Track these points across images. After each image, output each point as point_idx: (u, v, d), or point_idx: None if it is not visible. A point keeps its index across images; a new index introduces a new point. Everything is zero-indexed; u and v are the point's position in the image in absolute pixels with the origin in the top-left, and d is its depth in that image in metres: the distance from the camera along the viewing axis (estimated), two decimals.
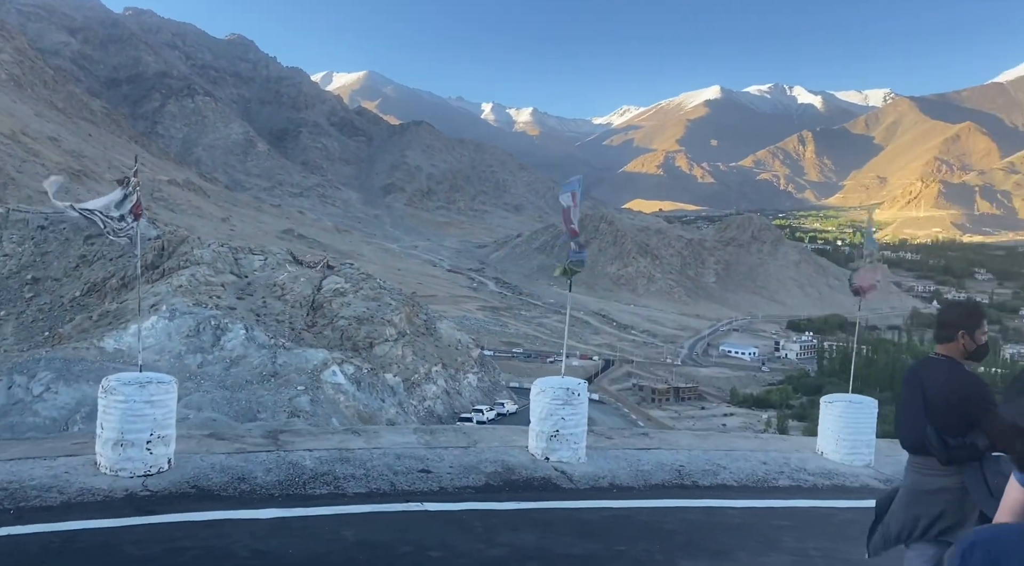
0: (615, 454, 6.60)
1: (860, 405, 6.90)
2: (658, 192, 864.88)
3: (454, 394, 78.29)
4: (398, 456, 6.19)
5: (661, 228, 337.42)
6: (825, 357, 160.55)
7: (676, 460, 6.55)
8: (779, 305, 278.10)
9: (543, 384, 6.46)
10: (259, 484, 5.48)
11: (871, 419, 6.97)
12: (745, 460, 6.73)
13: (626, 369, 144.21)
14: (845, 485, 6.37)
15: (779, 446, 7.40)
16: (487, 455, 6.35)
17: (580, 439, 6.37)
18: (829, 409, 7.04)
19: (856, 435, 6.88)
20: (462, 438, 6.79)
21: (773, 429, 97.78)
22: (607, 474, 6.12)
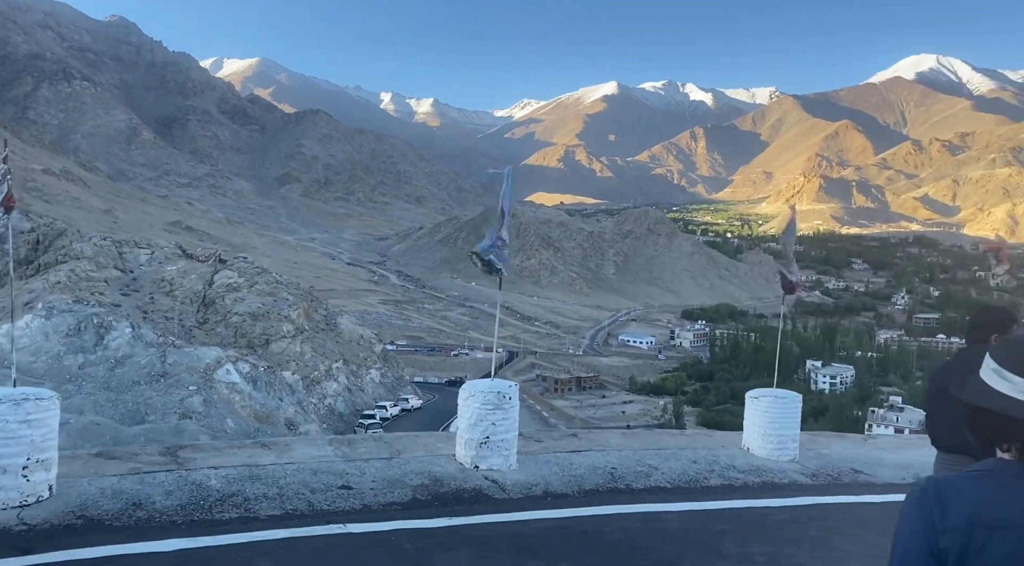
0: (546, 459, 6.32)
1: (785, 400, 6.90)
2: (559, 185, 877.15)
3: (356, 391, 76.68)
4: (314, 471, 5.68)
5: (563, 221, 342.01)
6: (717, 345, 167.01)
7: (608, 462, 6.34)
8: (674, 295, 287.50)
9: (472, 388, 6.10)
10: (158, 510, 4.87)
11: (796, 413, 6.98)
12: (675, 459, 6.60)
13: (530, 360, 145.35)
14: (775, 482, 6.34)
15: (706, 443, 7.34)
16: (412, 466, 5.92)
17: (511, 445, 6.06)
18: (755, 405, 7.01)
19: (782, 430, 6.87)
20: (383, 448, 6.32)
21: (669, 415, 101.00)
22: (540, 481, 5.83)
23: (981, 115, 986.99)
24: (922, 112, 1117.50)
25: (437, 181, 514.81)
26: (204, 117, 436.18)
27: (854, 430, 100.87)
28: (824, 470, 6.81)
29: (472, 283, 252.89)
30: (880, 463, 7.29)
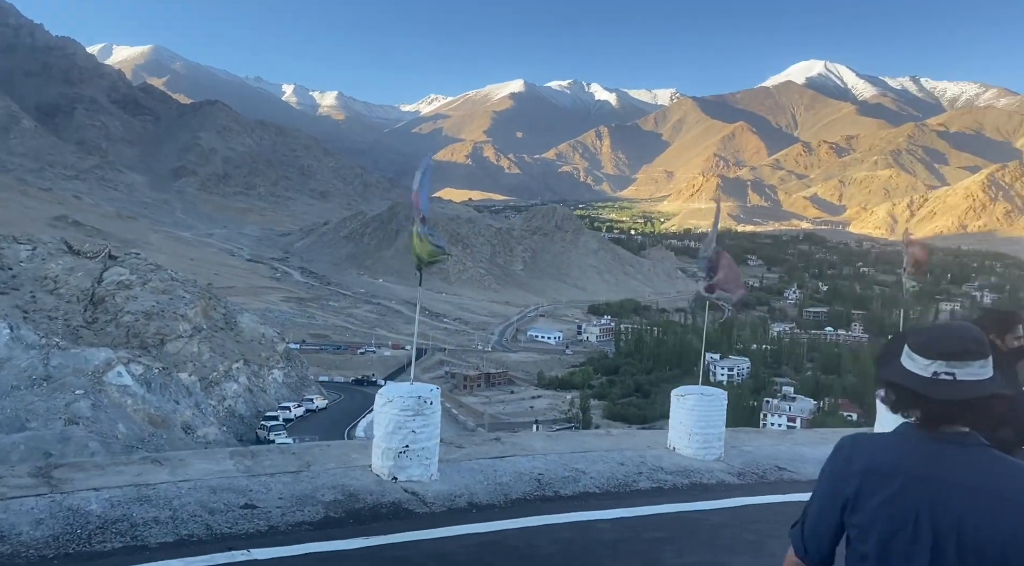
0: (469, 466, 5.93)
1: (712, 398, 6.77)
2: (468, 182, 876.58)
3: (258, 392, 74.03)
4: (213, 489, 5.08)
5: (472, 217, 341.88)
6: (622, 339, 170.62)
7: (534, 467, 6.02)
8: (581, 291, 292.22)
9: (390, 393, 5.63)
10: (25, 543, 4.18)
11: (721, 411, 6.86)
12: (602, 462, 6.35)
13: (438, 357, 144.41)
14: (703, 483, 6.18)
15: (632, 443, 7.13)
16: (324, 479, 5.40)
17: (432, 454, 5.63)
18: (681, 403, 6.85)
19: (708, 428, 6.74)
20: (291, 460, 5.76)
21: (577, 409, 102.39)
22: (464, 491, 5.43)
23: (864, 119, 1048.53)
24: (811, 115, 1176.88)
25: (342, 176, 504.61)
26: (92, 106, 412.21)
27: (750, 420, 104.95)
28: (750, 468, 6.72)
29: (379, 280, 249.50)
30: (802, 459, 7.28)
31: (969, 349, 1.74)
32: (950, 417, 1.73)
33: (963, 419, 1.72)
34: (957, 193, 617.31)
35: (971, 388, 1.70)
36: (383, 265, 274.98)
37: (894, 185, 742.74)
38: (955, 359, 1.73)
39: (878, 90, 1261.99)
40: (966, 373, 1.72)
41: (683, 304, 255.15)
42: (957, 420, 1.72)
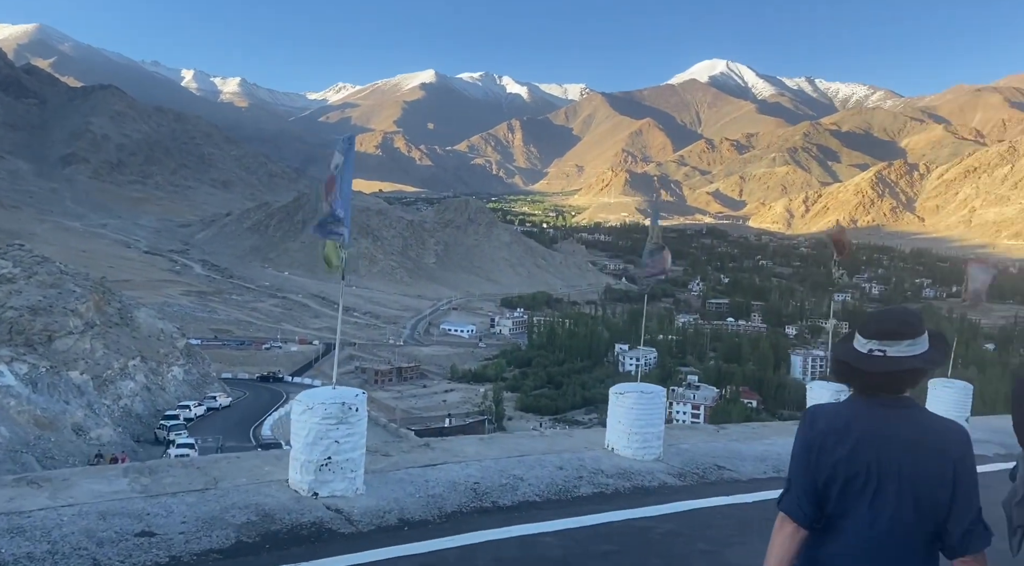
0: (398, 477, 5.39)
1: (651, 396, 6.47)
2: (378, 173, 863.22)
3: (156, 390, 70.66)
4: (103, 515, 4.37)
5: (382, 209, 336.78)
6: (534, 331, 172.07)
7: (468, 475, 5.55)
8: (494, 284, 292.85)
9: (310, 399, 5.03)
10: None
11: (661, 409, 6.59)
12: (540, 466, 5.95)
13: (348, 352, 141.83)
14: (645, 486, 5.88)
15: (568, 444, 6.76)
16: (234, 499, 4.75)
17: (358, 465, 5.06)
18: (620, 401, 6.52)
19: (648, 428, 6.44)
20: (196, 477, 5.07)
21: (490, 402, 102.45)
22: (393, 506, 4.90)
23: (764, 118, 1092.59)
24: (714, 113, 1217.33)
25: (246, 165, 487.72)
26: None
27: None
28: (689, 468, 6.48)
29: (285, 273, 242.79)
30: (739, 456, 7.10)
31: (899, 330, 2.16)
32: (880, 386, 2.16)
33: (890, 388, 2.16)
34: (848, 190, 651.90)
35: (898, 362, 2.12)
36: (289, 258, 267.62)
37: (791, 181, 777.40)
38: (887, 338, 2.15)
39: (776, 90, 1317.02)
40: (896, 350, 2.14)
41: (594, 296, 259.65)
42: (885, 389, 2.16)
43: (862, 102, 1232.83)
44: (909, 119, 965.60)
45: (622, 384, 6.77)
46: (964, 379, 38.60)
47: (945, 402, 9.53)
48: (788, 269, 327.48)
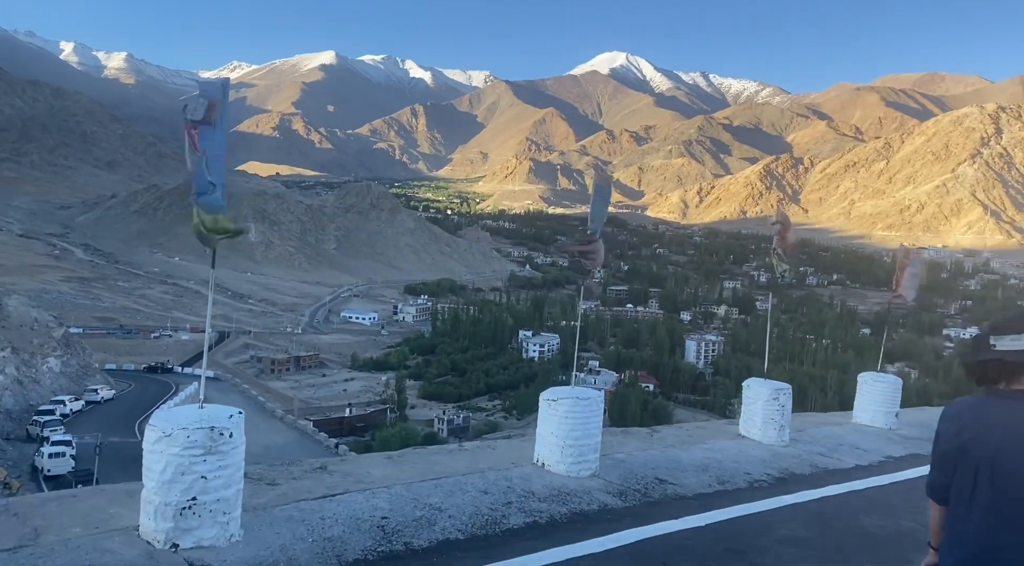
0: (286, 514, 4.29)
1: (588, 402, 5.61)
2: (275, 155, 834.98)
3: (30, 383, 65.59)
4: None
5: (279, 193, 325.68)
6: (438, 319, 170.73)
7: (375, 508, 4.53)
8: (397, 270, 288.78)
9: (168, 423, 3.84)
10: None
11: (598, 417, 5.75)
12: (461, 491, 4.99)
13: (243, 341, 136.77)
14: (583, 510, 5.03)
15: (491, 460, 5.81)
16: (62, 558, 3.49)
17: (232, 505, 3.93)
18: (553, 409, 5.62)
19: (583, 439, 5.59)
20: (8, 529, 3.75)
21: (392, 390, 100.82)
22: (279, 557, 3.79)
23: (661, 110, 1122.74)
24: (615, 104, 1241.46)
25: (132, 145, 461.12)
26: None
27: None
28: (629, 484, 5.68)
29: (175, 258, 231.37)
30: (679, 466, 6.38)
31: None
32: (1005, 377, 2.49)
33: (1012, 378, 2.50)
34: (739, 182, 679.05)
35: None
36: (180, 243, 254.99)
37: (686, 173, 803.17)
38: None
39: (673, 84, 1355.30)
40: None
41: (499, 283, 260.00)
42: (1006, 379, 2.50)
43: (752, 98, 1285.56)
44: (795, 115, 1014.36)
45: (554, 389, 5.89)
46: (841, 363, 39.63)
47: (875, 397, 9.20)
48: (683, 257, 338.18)
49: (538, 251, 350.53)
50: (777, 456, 7.19)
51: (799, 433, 8.14)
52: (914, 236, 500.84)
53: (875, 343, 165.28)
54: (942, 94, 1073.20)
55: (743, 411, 7.93)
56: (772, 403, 7.54)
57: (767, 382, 7.72)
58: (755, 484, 6.25)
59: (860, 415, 9.28)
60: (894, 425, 9.12)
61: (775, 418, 7.56)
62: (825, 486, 6.36)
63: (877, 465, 7.35)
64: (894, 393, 9.11)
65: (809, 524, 5.28)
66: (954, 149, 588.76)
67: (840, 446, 7.96)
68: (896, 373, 58.99)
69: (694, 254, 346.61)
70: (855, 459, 7.49)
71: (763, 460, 6.99)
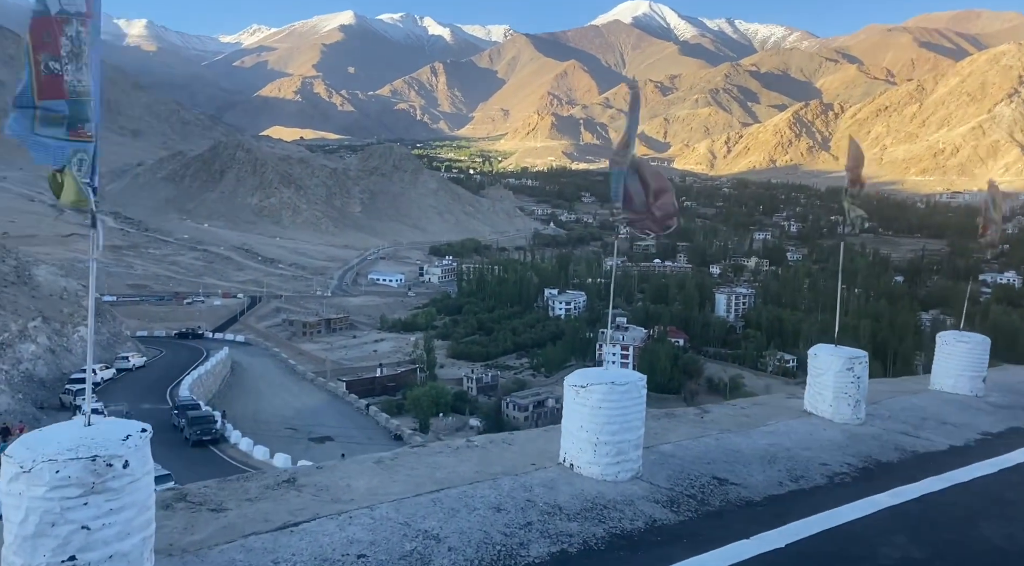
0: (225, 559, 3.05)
1: (626, 389, 4.42)
2: (298, 119, 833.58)
3: (62, 352, 66.14)
4: None
5: (304, 157, 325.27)
6: (464, 279, 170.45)
7: (350, 540, 3.28)
8: (421, 231, 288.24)
9: (27, 452, 2.88)
10: None
11: (640, 406, 4.57)
12: (467, 509, 3.84)
13: (275, 305, 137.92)
14: (626, 529, 3.87)
15: (507, 462, 4.63)
16: None
17: (137, 560, 2.97)
18: (583, 398, 4.41)
19: (622, 434, 4.42)
20: None
21: (421, 350, 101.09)
22: None
23: (686, 59, 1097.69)
24: (638, 54, 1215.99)
25: (156, 113, 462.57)
26: None
27: (587, 351, 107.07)
28: (682, 488, 4.51)
29: (204, 224, 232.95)
30: (740, 458, 5.20)
31: None
32: None
33: None
34: (767, 130, 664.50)
35: None
36: (207, 209, 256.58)
37: (713, 123, 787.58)
38: None
39: (697, 31, 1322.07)
40: None
41: (523, 242, 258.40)
42: None
43: (780, 43, 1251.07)
44: (824, 60, 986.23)
45: (582, 371, 4.69)
46: (874, 312, 37.28)
47: (959, 359, 7.90)
48: (712, 209, 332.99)
49: (562, 208, 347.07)
50: (855, 438, 5.96)
51: (873, 406, 6.89)
52: (949, 180, 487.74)
53: (908, 290, 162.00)
54: (978, 32, 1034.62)
55: (809, 383, 6.70)
56: (846, 374, 6.30)
57: (839, 349, 6.46)
58: (836, 479, 5.04)
59: (941, 381, 7.99)
60: (981, 392, 7.83)
61: (849, 392, 6.33)
62: (921, 479, 5.14)
63: (975, 445, 6.10)
64: (982, 355, 7.81)
65: (919, 538, 4.08)
66: (991, 89, 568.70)
67: (925, 421, 6.70)
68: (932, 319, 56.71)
69: (723, 206, 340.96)
70: (946, 438, 6.24)
71: (839, 445, 5.77)
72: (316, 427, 52.60)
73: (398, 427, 53.52)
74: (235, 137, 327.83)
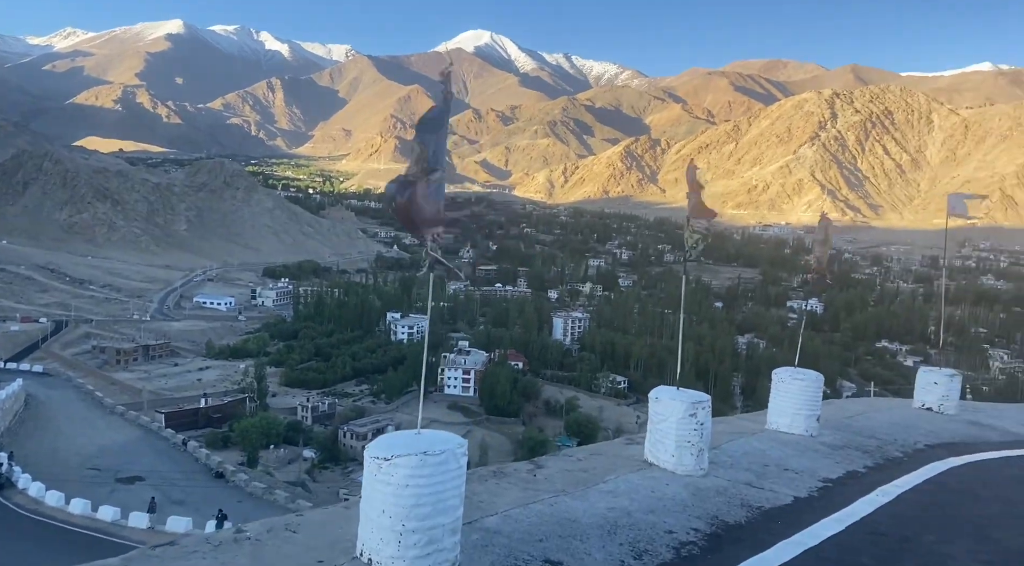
0: None
1: (441, 460, 3.39)
2: (118, 130, 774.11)
3: None
4: None
5: (123, 170, 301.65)
6: (301, 302, 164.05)
7: None
8: (255, 252, 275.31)
9: None
10: None
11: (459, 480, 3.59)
12: None
13: (84, 330, 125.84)
14: None
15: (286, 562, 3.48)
16: None
17: None
18: (385, 474, 3.26)
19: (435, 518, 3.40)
20: None
21: (252, 378, 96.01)
22: None
23: (526, 91, 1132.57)
24: (480, 83, 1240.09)
25: None
26: None
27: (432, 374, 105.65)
28: None
29: (3, 242, 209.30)
30: (577, 532, 4.39)
31: None
32: None
33: None
34: (601, 162, 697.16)
35: None
36: (7, 224, 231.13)
37: (551, 153, 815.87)
38: None
39: (537, 64, 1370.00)
40: None
41: (365, 265, 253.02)
42: None
43: (613, 80, 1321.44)
44: (653, 98, 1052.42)
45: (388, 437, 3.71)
46: (696, 336, 38.87)
47: (794, 397, 7.67)
48: (550, 236, 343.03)
49: (406, 231, 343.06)
50: (700, 495, 5.38)
51: (714, 452, 6.42)
52: (761, 214, 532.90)
53: (726, 316, 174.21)
54: (785, 80, 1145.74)
55: (650, 430, 6.10)
56: (689, 421, 5.76)
57: (682, 393, 5.91)
58: (683, 550, 4.38)
59: (777, 420, 7.74)
60: (815, 431, 7.64)
61: (692, 440, 5.78)
62: (771, 544, 4.60)
63: (818, 496, 5.72)
64: (816, 393, 7.62)
65: None
66: (796, 132, 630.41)
67: (767, 468, 6.30)
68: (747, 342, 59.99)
69: (560, 233, 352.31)
70: (790, 488, 5.83)
71: (684, 504, 5.16)
72: (125, 466, 47.70)
73: (220, 464, 49.58)
74: (43, 146, 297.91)
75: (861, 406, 10.31)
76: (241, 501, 41.47)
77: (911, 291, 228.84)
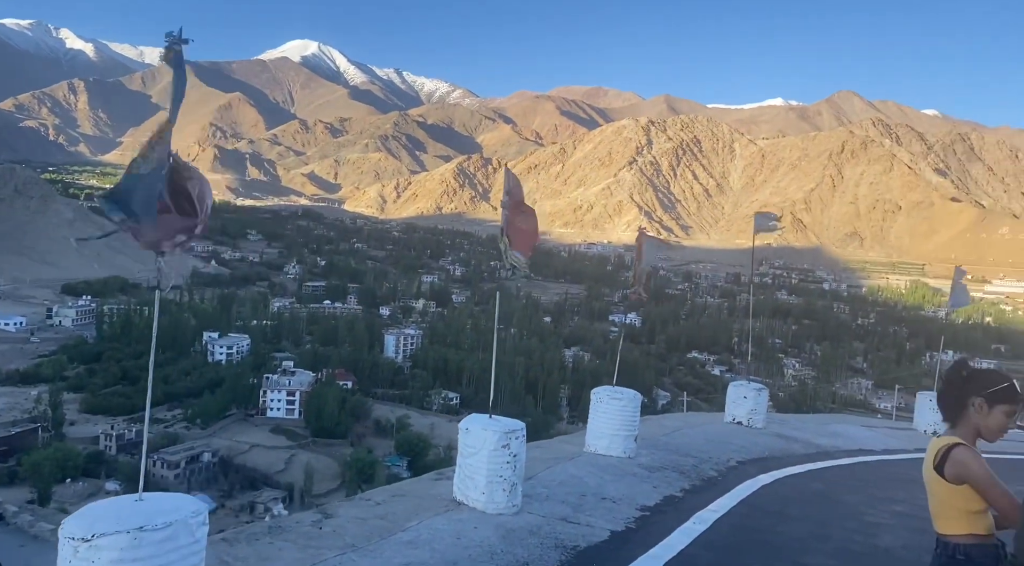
0: None
1: (167, 534, 2.46)
2: None
3: None
4: None
5: None
6: (105, 322, 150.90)
7: None
8: (52, 267, 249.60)
9: None
10: None
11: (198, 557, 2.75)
12: None
13: None
14: None
15: None
16: None
17: None
18: (85, 557, 2.54)
19: None
20: None
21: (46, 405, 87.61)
22: None
23: (356, 104, 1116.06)
24: (307, 94, 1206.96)
25: None
26: None
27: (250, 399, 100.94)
28: None
29: None
30: None
31: None
32: None
33: None
34: (434, 179, 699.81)
35: None
36: None
37: (383, 168, 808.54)
38: None
39: (367, 77, 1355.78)
40: None
41: (180, 281, 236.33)
42: None
43: (444, 98, 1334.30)
44: (484, 118, 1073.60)
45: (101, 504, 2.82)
46: (526, 350, 39.42)
47: (613, 417, 7.41)
48: (382, 252, 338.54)
49: (225, 246, 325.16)
50: (510, 537, 4.83)
51: (529, 483, 5.93)
52: (586, 233, 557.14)
53: (554, 330, 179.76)
54: (606, 106, 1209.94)
55: (459, 465, 5.50)
56: (501, 452, 5.21)
57: (494, 422, 5.36)
58: None
59: (595, 442, 7.43)
60: (633, 453, 7.40)
61: (504, 474, 5.24)
62: None
63: (636, 527, 5.37)
64: (634, 413, 7.39)
65: None
66: (616, 156, 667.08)
67: (584, 499, 5.89)
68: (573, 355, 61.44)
69: (393, 249, 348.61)
70: (607, 520, 5.44)
71: (492, 550, 4.59)
72: None
73: (0, 504, 43.66)
74: None
75: (677, 422, 10.37)
76: (24, 545, 36.69)
77: (717, 305, 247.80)
